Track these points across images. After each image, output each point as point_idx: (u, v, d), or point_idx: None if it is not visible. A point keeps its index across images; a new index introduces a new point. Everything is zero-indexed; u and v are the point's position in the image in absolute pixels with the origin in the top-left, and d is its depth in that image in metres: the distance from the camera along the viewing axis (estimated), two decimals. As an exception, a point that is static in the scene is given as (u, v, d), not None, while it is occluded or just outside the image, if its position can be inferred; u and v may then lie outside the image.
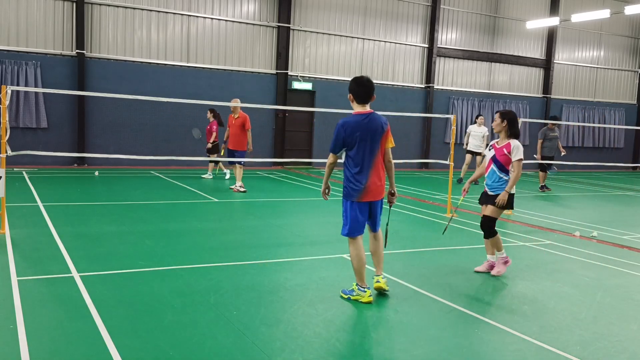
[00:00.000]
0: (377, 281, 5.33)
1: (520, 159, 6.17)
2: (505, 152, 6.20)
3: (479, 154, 15.49)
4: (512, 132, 6.26)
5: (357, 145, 5.03)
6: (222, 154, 13.34)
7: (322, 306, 4.99)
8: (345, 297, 5.21)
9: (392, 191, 5.38)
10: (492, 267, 6.39)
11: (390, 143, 5.24)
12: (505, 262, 6.35)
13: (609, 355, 4.21)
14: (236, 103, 11.33)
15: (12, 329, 4.13)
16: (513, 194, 6.25)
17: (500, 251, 6.37)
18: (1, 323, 4.26)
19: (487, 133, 15.78)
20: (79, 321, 4.36)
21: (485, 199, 6.38)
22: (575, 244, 8.19)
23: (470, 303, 5.29)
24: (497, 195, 6.20)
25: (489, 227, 6.30)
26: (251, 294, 5.22)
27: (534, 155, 15.48)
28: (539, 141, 14.76)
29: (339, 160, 5.28)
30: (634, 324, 4.91)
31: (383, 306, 5.07)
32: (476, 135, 15.68)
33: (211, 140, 14.34)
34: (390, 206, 5.50)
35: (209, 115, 14.50)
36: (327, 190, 5.34)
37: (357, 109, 5.16)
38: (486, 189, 6.39)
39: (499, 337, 4.48)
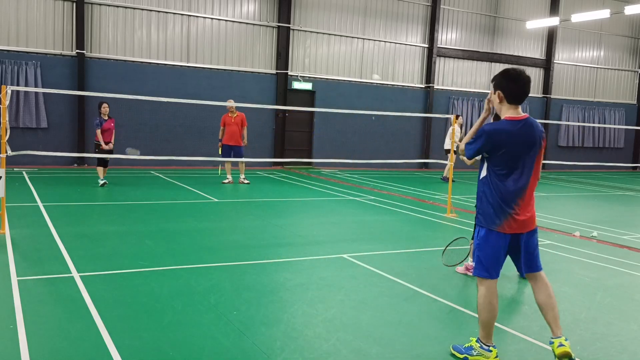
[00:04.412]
0: (560, 344, 3.89)
1: None
2: None
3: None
4: None
5: (506, 161, 3.87)
6: (219, 152, 13.71)
7: (322, 306, 4.98)
8: (461, 356, 4.06)
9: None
10: None
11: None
12: None
13: (609, 355, 4.21)
14: (233, 103, 12.09)
15: (12, 329, 4.13)
16: None
17: None
18: (1, 323, 4.26)
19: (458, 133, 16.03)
20: (79, 321, 4.36)
21: None
22: (575, 244, 8.19)
23: (470, 303, 5.27)
24: None
25: None
26: (251, 294, 5.22)
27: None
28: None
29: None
30: (634, 324, 4.91)
31: (383, 306, 5.07)
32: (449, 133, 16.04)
33: None
34: None
35: None
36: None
37: (508, 113, 3.94)
38: None
39: (499, 337, 4.47)
